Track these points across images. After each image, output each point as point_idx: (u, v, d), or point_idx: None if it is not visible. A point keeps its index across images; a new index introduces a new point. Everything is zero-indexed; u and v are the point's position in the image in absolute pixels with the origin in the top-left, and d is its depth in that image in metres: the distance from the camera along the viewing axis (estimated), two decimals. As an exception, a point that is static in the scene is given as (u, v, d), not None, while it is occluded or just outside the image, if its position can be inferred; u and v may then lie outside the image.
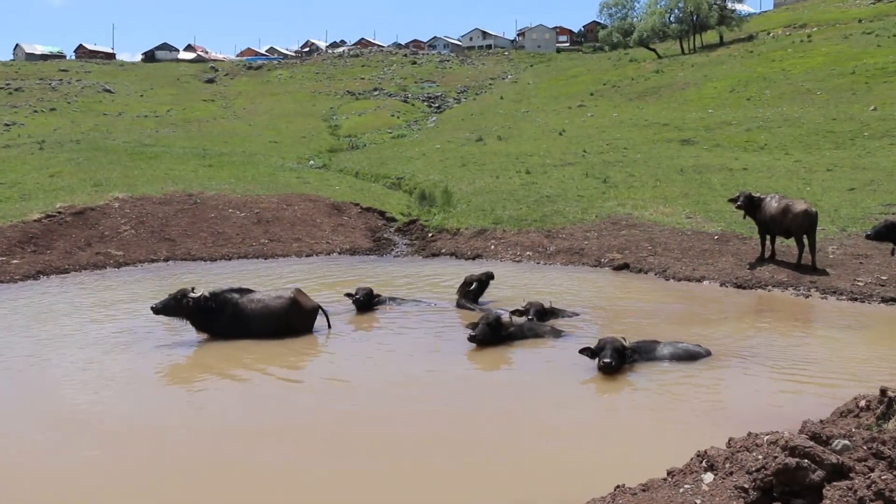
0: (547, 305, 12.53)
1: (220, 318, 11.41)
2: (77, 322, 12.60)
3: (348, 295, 13.40)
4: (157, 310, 11.26)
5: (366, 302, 13.22)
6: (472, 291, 13.80)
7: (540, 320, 12.05)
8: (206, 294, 11.39)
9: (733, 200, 16.64)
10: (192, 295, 11.27)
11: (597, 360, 9.53)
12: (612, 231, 19.15)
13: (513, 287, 15.36)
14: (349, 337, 11.88)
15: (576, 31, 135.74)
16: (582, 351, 9.76)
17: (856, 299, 13.61)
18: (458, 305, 13.67)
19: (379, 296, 13.62)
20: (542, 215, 21.17)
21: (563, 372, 9.70)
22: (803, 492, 4.78)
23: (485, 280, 14.04)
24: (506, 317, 11.32)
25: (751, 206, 16.26)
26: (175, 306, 11.26)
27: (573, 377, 9.50)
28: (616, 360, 9.41)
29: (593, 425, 8.08)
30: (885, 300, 13.37)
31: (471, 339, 10.82)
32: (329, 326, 12.04)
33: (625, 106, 52.67)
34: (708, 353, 10.19)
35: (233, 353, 10.85)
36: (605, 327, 11.98)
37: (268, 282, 15.88)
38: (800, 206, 15.47)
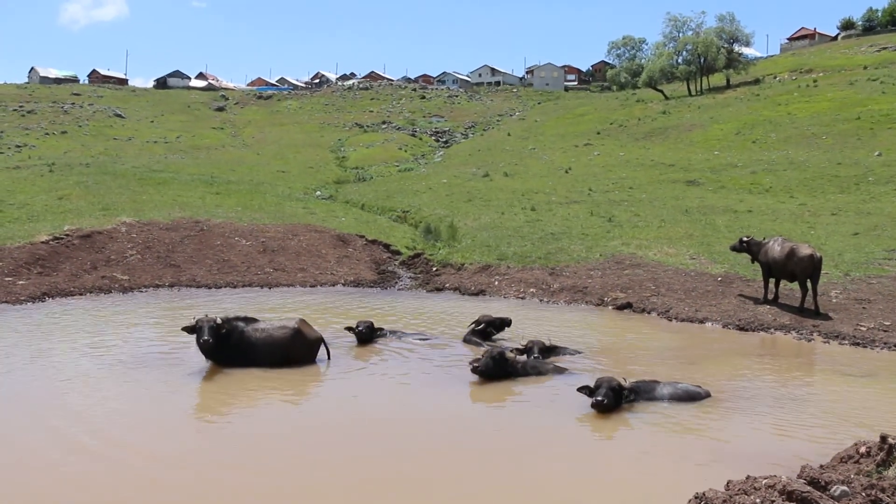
0: (547, 343, 12.55)
1: (225, 346, 11.45)
2: (79, 344, 12.64)
3: (349, 329, 13.42)
4: (204, 343, 11.19)
5: (367, 335, 13.25)
6: (482, 331, 13.75)
7: (543, 358, 12.07)
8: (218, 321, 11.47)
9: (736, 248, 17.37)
10: (218, 321, 11.36)
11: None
12: (616, 270, 19.20)
13: (515, 323, 15.36)
14: (349, 369, 11.88)
15: (584, 70, 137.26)
16: (580, 389, 9.81)
17: (858, 344, 13.59)
18: (465, 340, 13.68)
19: (381, 329, 13.66)
20: (546, 253, 21.24)
21: (563, 410, 9.68)
22: (800, 537, 4.78)
23: (499, 325, 14.00)
24: (511, 354, 11.37)
25: (749, 249, 16.93)
26: (214, 334, 11.22)
27: (571, 416, 9.48)
28: (610, 399, 9.45)
29: (590, 466, 8.04)
30: (888, 346, 13.35)
31: (473, 370, 10.96)
32: (329, 357, 12.07)
33: (631, 146, 52.98)
34: (707, 395, 10.19)
35: (234, 383, 10.88)
36: (606, 366, 11.98)
37: (271, 311, 15.92)
38: (805, 250, 15.55)
